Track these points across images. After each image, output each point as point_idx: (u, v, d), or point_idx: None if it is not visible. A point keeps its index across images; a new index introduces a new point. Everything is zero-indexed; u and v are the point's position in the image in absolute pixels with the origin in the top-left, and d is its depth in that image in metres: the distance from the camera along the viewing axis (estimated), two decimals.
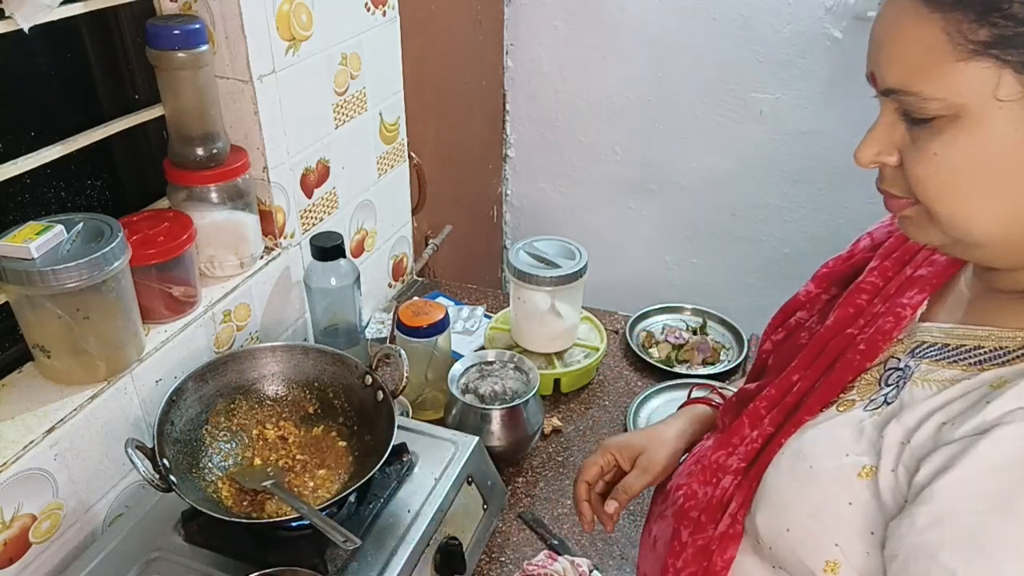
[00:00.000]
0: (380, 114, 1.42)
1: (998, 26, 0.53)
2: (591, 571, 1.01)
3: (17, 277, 0.84)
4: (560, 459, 1.22)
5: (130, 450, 0.85)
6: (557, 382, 1.33)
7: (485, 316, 1.51)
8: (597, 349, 1.38)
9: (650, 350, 1.44)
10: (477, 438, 1.05)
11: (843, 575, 0.62)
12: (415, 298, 1.33)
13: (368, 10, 1.31)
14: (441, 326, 1.22)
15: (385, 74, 1.41)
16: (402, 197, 1.57)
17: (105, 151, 1.09)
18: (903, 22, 0.56)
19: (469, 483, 1.01)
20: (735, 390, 0.90)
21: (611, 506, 0.88)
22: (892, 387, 0.66)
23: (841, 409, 0.68)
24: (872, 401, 0.66)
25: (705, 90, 2.00)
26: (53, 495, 0.90)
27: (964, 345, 0.63)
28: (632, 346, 1.44)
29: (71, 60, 1.03)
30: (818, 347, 0.75)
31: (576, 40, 2.06)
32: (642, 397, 1.32)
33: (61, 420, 0.89)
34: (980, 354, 0.62)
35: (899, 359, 0.68)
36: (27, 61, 0.98)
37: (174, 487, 0.85)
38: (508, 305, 1.43)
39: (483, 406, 1.14)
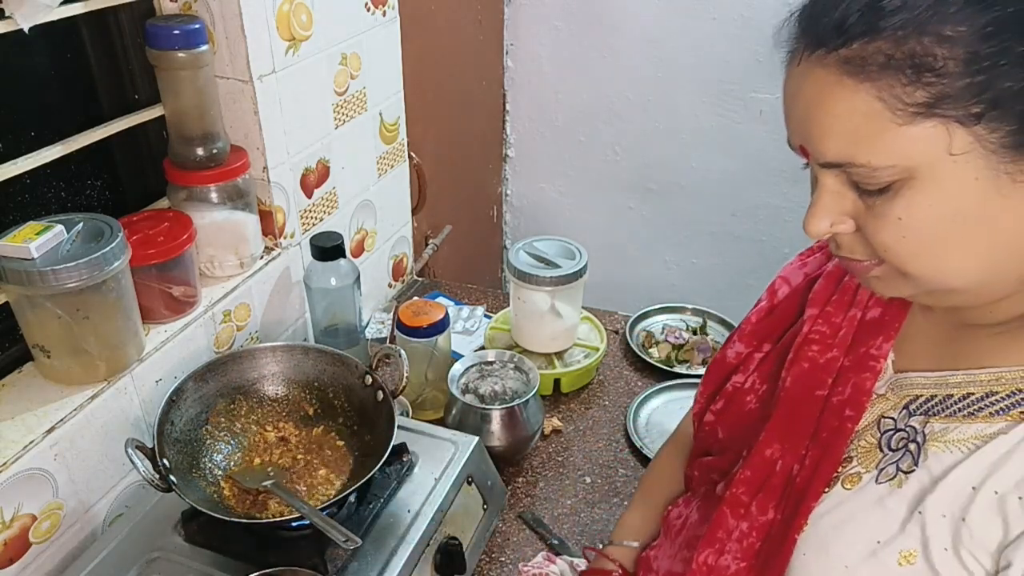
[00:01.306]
0: (380, 114, 1.42)
1: (934, 85, 0.50)
2: None
3: (17, 277, 0.84)
4: (560, 459, 1.22)
5: (130, 450, 0.85)
6: (557, 382, 1.33)
7: (485, 316, 1.51)
8: (597, 349, 1.38)
9: (650, 350, 1.44)
10: (477, 438, 1.05)
11: None
12: (415, 298, 1.33)
13: (368, 10, 1.31)
14: (441, 326, 1.22)
15: (385, 74, 1.41)
16: (402, 197, 1.57)
17: (105, 151, 1.09)
18: (829, 95, 0.53)
19: (469, 483, 1.01)
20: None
21: None
22: (901, 452, 0.61)
23: (848, 486, 0.63)
24: (882, 471, 0.61)
25: (705, 90, 2.00)
26: (53, 495, 0.90)
27: (972, 394, 0.59)
28: (632, 346, 1.44)
29: (71, 60, 1.03)
30: (787, 414, 0.69)
31: (576, 40, 2.06)
32: (642, 397, 1.32)
33: (61, 420, 0.89)
34: (996, 401, 0.57)
35: (893, 418, 0.63)
36: (27, 61, 0.98)
37: (174, 487, 0.85)
38: (508, 305, 1.43)
39: (483, 406, 1.14)
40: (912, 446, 0.60)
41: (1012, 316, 0.59)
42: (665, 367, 1.40)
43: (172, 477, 0.86)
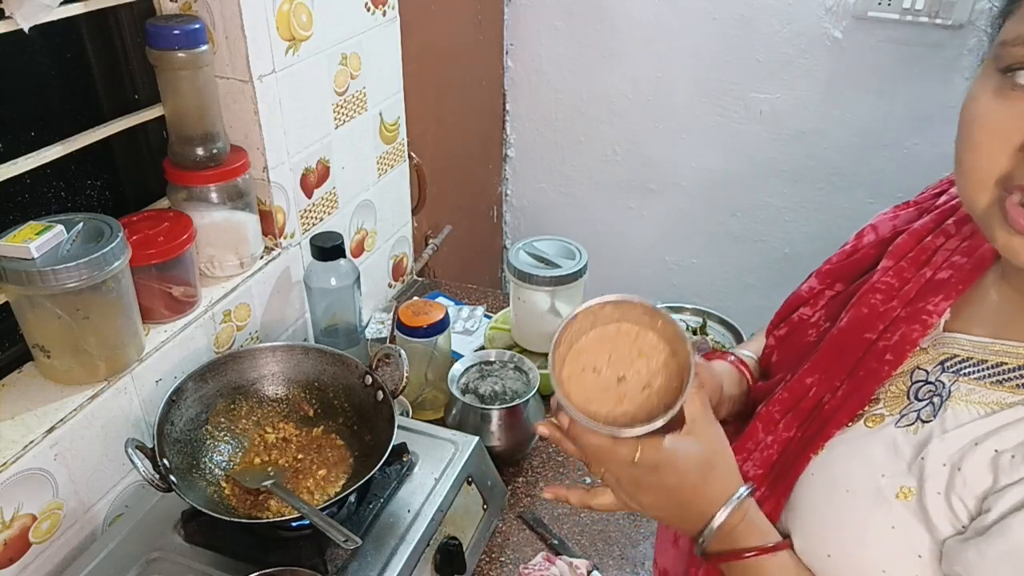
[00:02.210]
0: (380, 114, 1.42)
1: None
2: (590, 572, 1.01)
3: (17, 277, 0.84)
4: (560, 459, 1.22)
5: (130, 450, 0.85)
6: None
7: (485, 316, 1.51)
8: None
9: None
10: (477, 438, 1.05)
11: None
12: (415, 298, 1.33)
13: (368, 10, 1.31)
14: (441, 326, 1.22)
15: (385, 74, 1.41)
16: (402, 197, 1.57)
17: (105, 151, 1.09)
18: None
19: (469, 483, 1.01)
20: (751, 355, 0.87)
21: None
22: (925, 403, 0.63)
23: (870, 424, 0.65)
24: (904, 417, 0.63)
25: (705, 90, 2.00)
26: (53, 495, 0.90)
27: (1005, 364, 0.60)
28: None
29: (71, 60, 1.03)
30: (834, 350, 0.71)
31: (576, 40, 2.06)
32: None
33: (61, 420, 0.89)
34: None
35: (927, 371, 0.65)
36: (27, 61, 0.98)
37: (174, 487, 0.85)
38: (508, 305, 1.43)
39: (483, 406, 1.14)
40: (936, 399, 0.62)
41: None
42: None
43: (172, 477, 0.86)
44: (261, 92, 1.10)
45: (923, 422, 0.62)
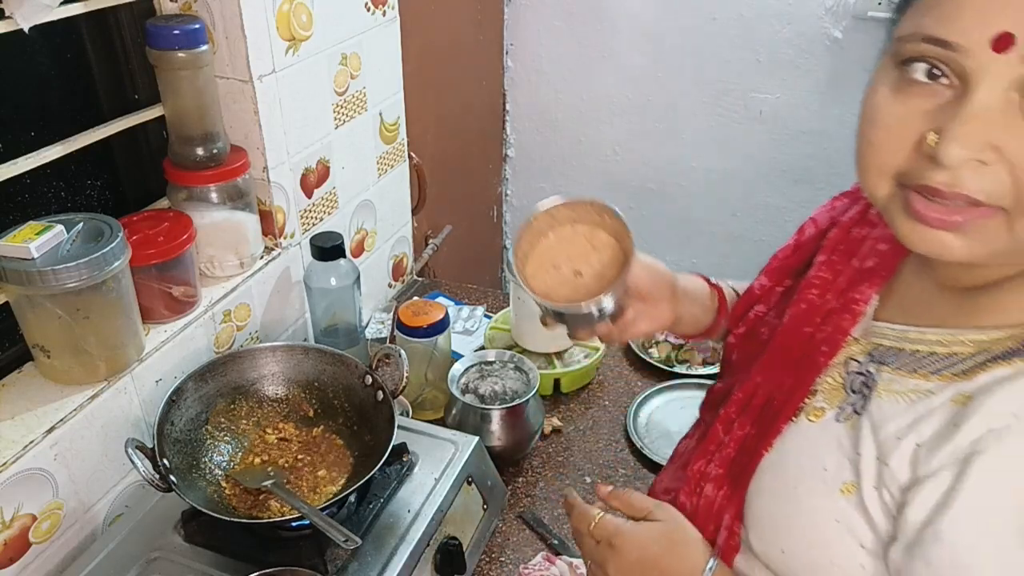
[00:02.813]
0: (380, 114, 1.42)
1: None
2: None
3: (17, 277, 0.84)
4: (560, 459, 1.22)
5: (130, 450, 0.85)
6: (557, 382, 1.33)
7: (485, 316, 1.51)
8: (597, 349, 1.38)
9: (650, 350, 1.44)
10: (477, 438, 1.05)
11: None
12: (415, 298, 1.33)
13: (368, 10, 1.31)
14: (441, 326, 1.22)
15: (385, 74, 1.41)
16: (402, 197, 1.57)
17: (105, 151, 1.09)
18: None
19: (469, 483, 1.01)
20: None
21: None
22: (858, 395, 0.64)
23: (812, 418, 0.66)
24: (842, 410, 0.65)
25: (705, 90, 2.00)
26: (53, 495, 0.90)
27: (919, 351, 0.62)
28: (632, 346, 1.44)
29: (71, 60, 1.03)
30: (779, 347, 0.73)
31: (576, 40, 2.06)
32: (642, 397, 1.32)
33: (61, 420, 0.89)
34: (935, 361, 0.60)
35: (859, 362, 0.66)
36: (27, 61, 0.98)
37: (174, 487, 0.85)
38: (508, 305, 1.43)
39: (483, 406, 1.14)
40: (865, 390, 0.63)
41: (989, 280, 0.60)
42: (665, 367, 1.40)
43: (172, 477, 0.86)
44: (261, 92, 1.10)
45: (857, 415, 0.63)
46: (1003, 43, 0.48)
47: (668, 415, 1.30)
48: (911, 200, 0.55)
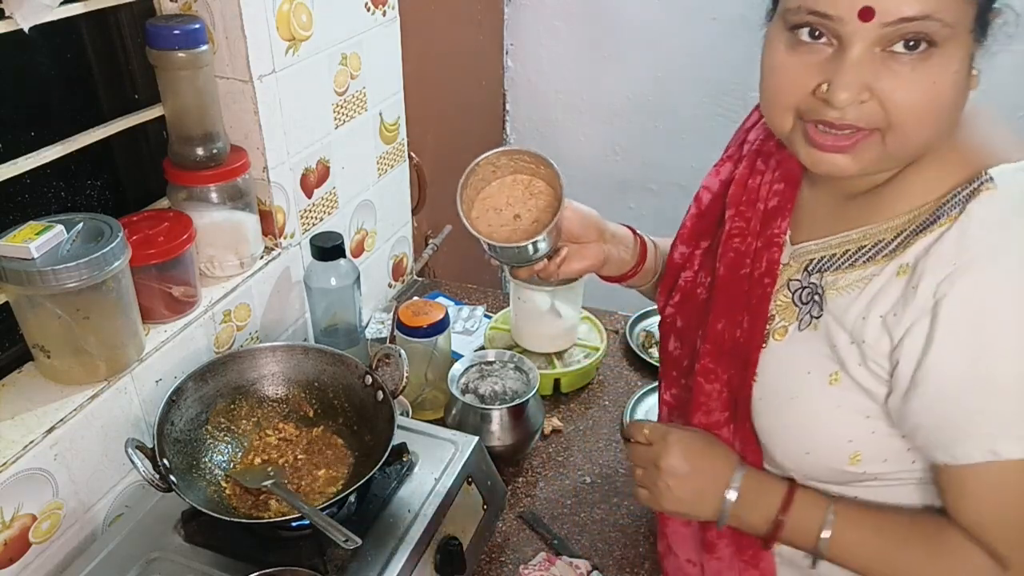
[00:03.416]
0: (380, 114, 1.42)
1: None
2: (590, 572, 1.01)
3: (17, 277, 0.84)
4: (560, 459, 1.22)
5: (130, 450, 0.85)
6: (557, 382, 1.33)
7: (485, 316, 1.51)
8: (597, 349, 1.38)
9: (650, 350, 1.44)
10: (477, 438, 1.05)
11: (866, 457, 0.73)
12: (415, 298, 1.33)
13: (368, 10, 1.31)
14: (441, 326, 1.22)
15: (385, 74, 1.41)
16: (402, 197, 1.57)
17: (105, 151, 1.09)
18: None
19: (469, 483, 1.01)
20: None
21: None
22: (809, 303, 0.76)
23: (778, 338, 0.79)
24: (801, 321, 0.77)
25: (705, 90, 2.00)
26: (53, 495, 0.90)
27: (848, 250, 0.74)
28: (632, 346, 1.44)
29: (71, 60, 1.03)
30: (725, 293, 0.84)
31: (576, 40, 2.06)
32: (639, 395, 1.31)
33: (61, 420, 0.89)
34: (866, 251, 0.72)
35: (798, 280, 0.79)
36: (27, 61, 0.98)
37: (174, 487, 0.85)
38: (508, 305, 1.43)
39: (483, 406, 1.14)
40: (816, 297, 0.76)
41: (876, 184, 0.74)
42: None
43: (172, 477, 0.86)
44: (261, 92, 1.10)
45: (816, 319, 0.76)
46: (867, 14, 0.62)
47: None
48: (809, 132, 0.69)
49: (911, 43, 0.63)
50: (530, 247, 0.85)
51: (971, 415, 0.66)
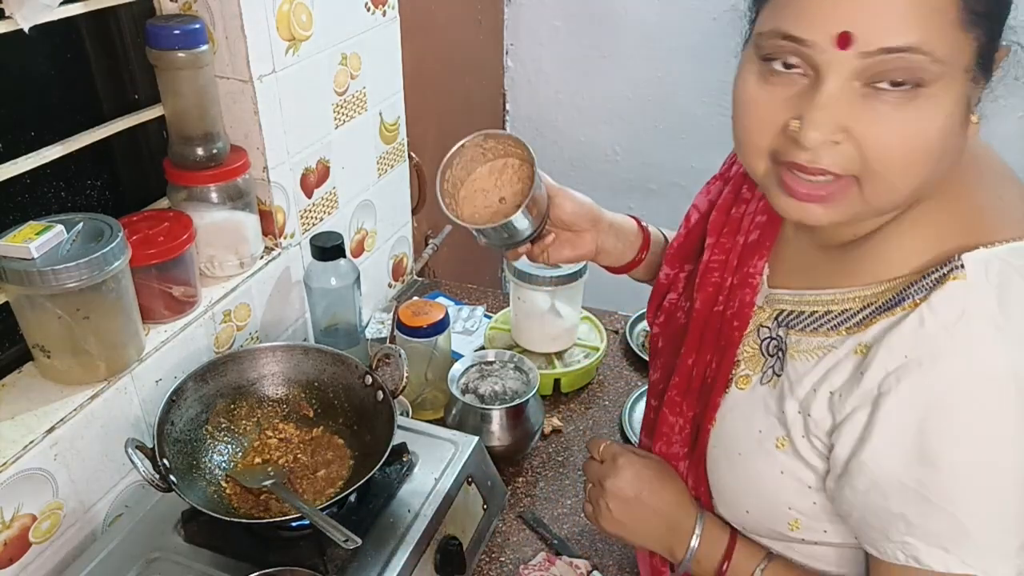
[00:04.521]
0: (380, 114, 1.42)
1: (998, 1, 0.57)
2: (590, 572, 1.01)
3: (17, 277, 0.84)
4: (560, 459, 1.22)
5: (130, 450, 0.85)
6: (557, 382, 1.33)
7: (485, 316, 1.51)
8: (597, 349, 1.38)
9: None
10: (477, 438, 1.05)
11: (804, 525, 0.71)
12: (415, 298, 1.33)
13: (368, 10, 1.31)
14: (441, 326, 1.22)
15: (385, 74, 1.41)
16: (402, 197, 1.57)
17: (105, 151, 1.09)
18: None
19: (469, 483, 1.01)
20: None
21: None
22: (774, 357, 0.72)
23: (742, 387, 0.75)
24: (764, 374, 0.73)
25: (705, 90, 2.00)
26: (53, 495, 0.90)
27: (816, 312, 0.70)
28: (632, 346, 1.44)
29: (71, 60, 1.03)
30: (698, 328, 0.81)
31: (576, 40, 2.06)
32: (638, 394, 1.31)
33: (61, 420, 0.89)
34: (832, 319, 0.68)
35: (768, 328, 0.74)
36: (27, 61, 0.98)
37: (174, 487, 0.85)
38: (508, 305, 1.43)
39: (483, 406, 1.14)
40: (780, 353, 0.72)
41: (858, 235, 0.68)
42: None
43: (172, 477, 0.86)
44: (261, 92, 1.10)
45: (776, 376, 0.72)
46: (844, 41, 0.55)
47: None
48: (784, 177, 0.63)
49: (897, 81, 0.56)
50: (507, 226, 0.85)
51: (897, 519, 0.62)
